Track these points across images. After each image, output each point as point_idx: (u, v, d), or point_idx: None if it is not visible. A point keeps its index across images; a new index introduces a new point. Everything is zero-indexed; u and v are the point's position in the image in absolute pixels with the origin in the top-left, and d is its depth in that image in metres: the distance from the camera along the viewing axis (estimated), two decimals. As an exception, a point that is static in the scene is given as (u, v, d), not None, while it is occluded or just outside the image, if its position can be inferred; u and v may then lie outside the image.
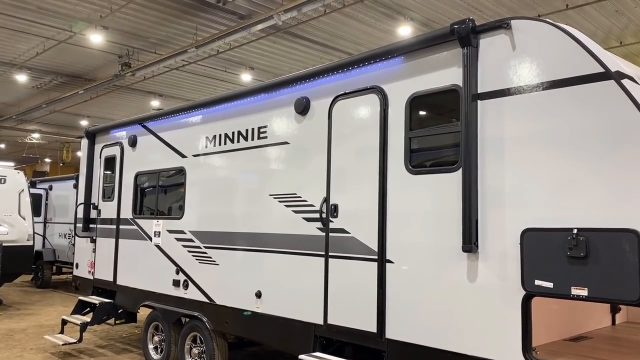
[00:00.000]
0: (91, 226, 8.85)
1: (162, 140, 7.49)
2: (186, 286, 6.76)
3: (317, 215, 5.23)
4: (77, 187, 11.82)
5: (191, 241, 6.77)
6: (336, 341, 5.10)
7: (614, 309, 5.34)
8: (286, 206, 5.59)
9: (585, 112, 3.57)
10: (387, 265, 4.65)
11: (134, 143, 8.01)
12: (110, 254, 8.25)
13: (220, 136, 6.52)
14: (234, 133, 6.33)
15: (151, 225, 7.48)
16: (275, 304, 5.62)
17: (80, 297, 8.55)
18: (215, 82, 18.31)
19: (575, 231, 3.52)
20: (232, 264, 6.18)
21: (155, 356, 7.33)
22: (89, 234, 8.81)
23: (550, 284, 3.64)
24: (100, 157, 8.79)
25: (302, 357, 4.99)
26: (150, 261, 7.41)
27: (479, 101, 4.13)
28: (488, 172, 4.04)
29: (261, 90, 5.99)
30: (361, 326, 4.76)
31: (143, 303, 7.46)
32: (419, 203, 4.46)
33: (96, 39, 14.13)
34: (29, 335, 9.44)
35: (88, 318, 8.09)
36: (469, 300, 4.07)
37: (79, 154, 19.55)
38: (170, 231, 7.13)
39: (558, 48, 3.76)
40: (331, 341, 5.14)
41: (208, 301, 6.42)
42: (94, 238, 8.68)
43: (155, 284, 7.28)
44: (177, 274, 6.93)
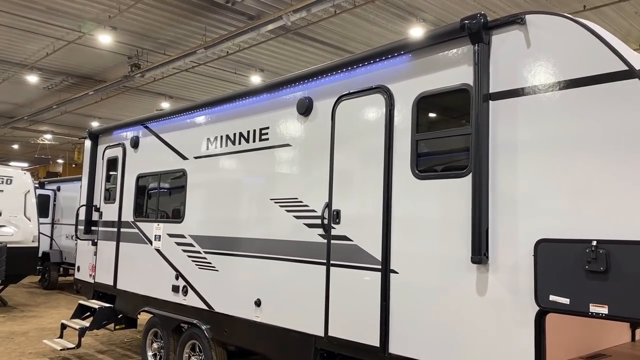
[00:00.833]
0: (93, 229, 8.68)
1: (164, 142, 7.29)
2: (185, 292, 6.54)
3: (319, 222, 4.98)
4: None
5: (191, 246, 6.55)
6: (337, 354, 4.84)
7: (634, 324, 5.01)
8: (287, 211, 5.34)
9: (607, 113, 3.28)
10: (391, 276, 4.37)
11: (135, 144, 7.83)
12: (111, 257, 8.07)
13: (221, 138, 6.30)
14: (235, 135, 6.10)
15: (152, 229, 7.28)
16: (275, 314, 5.37)
17: (80, 301, 8.38)
18: (225, 84, 18.16)
19: (595, 243, 3.23)
20: (231, 270, 5.94)
21: (153, 364, 7.12)
22: (90, 236, 8.63)
23: (566, 300, 3.35)
24: (103, 159, 8.62)
25: (301, 370, 4.74)
26: (150, 266, 7.21)
27: (490, 101, 3.85)
28: (500, 177, 3.76)
29: (263, 91, 5.76)
30: (363, 340, 4.49)
31: (142, 309, 7.25)
32: (425, 210, 4.19)
33: (105, 39, 14.06)
34: (29, 338, 9.29)
35: (87, 323, 7.90)
36: (478, 315, 3.79)
37: (88, 155, 19.46)
38: (171, 235, 6.92)
39: (577, 44, 3.48)
40: (332, 354, 4.88)
41: (207, 308, 6.19)
42: (95, 241, 8.51)
43: (155, 289, 7.07)
44: (177, 279, 6.71)
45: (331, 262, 4.84)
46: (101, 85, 17.65)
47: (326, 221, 4.91)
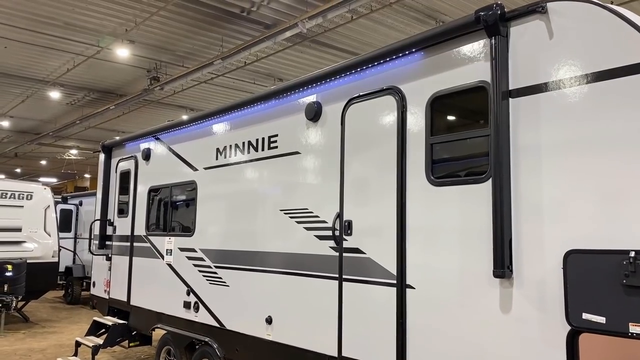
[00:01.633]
0: (107, 243, 8.53)
1: (175, 153, 7.10)
2: (197, 309, 6.29)
3: (330, 233, 4.68)
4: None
5: (202, 260, 6.31)
6: (352, 376, 4.50)
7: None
8: (297, 223, 5.05)
9: (643, 107, 2.92)
10: (408, 291, 4.04)
11: (147, 156, 7.67)
12: (124, 272, 7.90)
13: (230, 147, 6.06)
14: (244, 143, 5.86)
15: (163, 243, 7.08)
16: (287, 332, 5.07)
17: (94, 318, 8.22)
18: (244, 94, 18.02)
19: (633, 254, 2.86)
20: (242, 285, 5.67)
21: (167, 383, 6.88)
22: (104, 251, 8.49)
23: (601, 319, 2.97)
24: (116, 172, 8.49)
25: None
26: (162, 281, 6.99)
27: (510, 99, 3.51)
28: (523, 181, 3.41)
29: (271, 96, 5.51)
30: (379, 360, 4.15)
31: (155, 326, 7.03)
32: (442, 219, 3.85)
33: (123, 53, 14.07)
34: (47, 356, 9.17)
35: (101, 340, 7.73)
36: (502, 334, 3.43)
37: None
38: (182, 249, 6.70)
39: (606, 32, 3.12)
40: (347, 376, 4.55)
41: (218, 326, 5.93)
42: (109, 256, 8.36)
43: (167, 305, 6.85)
44: (188, 295, 6.47)
45: (343, 276, 4.53)
46: (122, 100, 17.72)
47: (337, 233, 4.61)
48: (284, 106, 5.39)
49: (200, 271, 6.31)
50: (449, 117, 4.10)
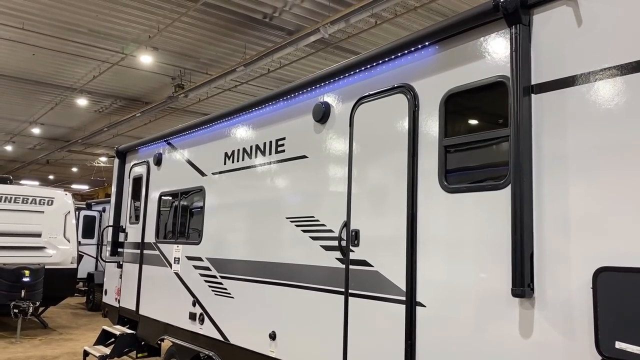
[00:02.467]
0: (120, 250, 8.35)
1: (185, 158, 6.86)
2: (202, 320, 6.00)
3: (336, 243, 4.32)
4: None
5: (208, 269, 6.02)
6: (357, 400, 4.12)
7: None
8: (303, 231, 4.71)
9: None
10: (418, 310, 3.65)
11: (159, 161, 7.46)
12: (134, 281, 7.68)
13: (238, 151, 5.78)
14: (252, 147, 5.57)
15: (172, 251, 6.83)
16: (291, 349, 4.71)
17: (103, 327, 8.02)
18: (268, 102, 17.87)
19: (676, 274, 2.42)
20: (246, 297, 5.35)
21: (172, 397, 6.58)
22: (116, 258, 8.31)
23: (637, 349, 2.53)
24: (129, 177, 8.32)
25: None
26: (170, 290, 6.73)
27: (533, 95, 3.12)
28: (547, 188, 3.00)
29: (278, 97, 5.21)
30: (385, 385, 3.76)
31: (161, 337, 6.77)
32: (456, 230, 3.46)
33: (146, 59, 14.09)
34: (58, 363, 9.03)
35: (109, 350, 7.51)
36: (521, 362, 3.00)
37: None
38: (189, 258, 6.43)
39: (644, 15, 2.71)
40: (352, 400, 4.16)
41: (223, 340, 5.61)
42: (120, 263, 8.17)
43: (173, 316, 6.58)
44: (194, 306, 6.19)
45: (350, 291, 4.16)
46: (147, 107, 17.78)
47: (344, 243, 4.25)
48: (291, 107, 5.08)
49: (206, 281, 6.03)
50: (464, 117, 3.72)
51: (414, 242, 3.70)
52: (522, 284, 2.98)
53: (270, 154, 5.27)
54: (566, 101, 2.97)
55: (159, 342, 6.99)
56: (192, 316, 6.16)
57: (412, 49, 3.86)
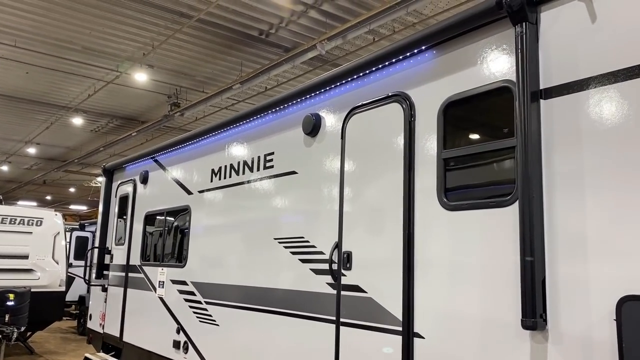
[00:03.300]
0: (105, 273, 7.96)
1: (171, 175, 6.53)
2: (186, 349, 5.59)
3: (327, 267, 3.95)
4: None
5: (192, 294, 5.64)
6: None
7: None
8: (292, 253, 4.35)
9: None
10: (415, 342, 3.26)
11: (145, 179, 7.12)
12: (118, 305, 7.28)
13: (225, 168, 5.44)
14: (239, 163, 5.23)
15: (156, 274, 6.45)
16: (278, 383, 4.31)
17: (85, 354, 7.59)
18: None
19: None
20: (231, 325, 4.96)
21: None
22: (101, 281, 7.92)
23: (673, 393, 2.16)
24: (116, 196, 7.98)
25: None
26: (154, 316, 6.34)
27: (542, 101, 2.79)
28: (560, 204, 2.65)
29: (266, 109, 4.89)
30: None
31: (144, 366, 6.36)
32: (458, 252, 3.10)
33: (141, 77, 13.87)
34: (40, 393, 8.56)
35: (91, 379, 7.08)
36: (534, 405, 2.62)
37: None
38: (174, 281, 6.04)
39: (668, 8, 2.39)
40: None
41: (207, 370, 5.20)
42: (105, 287, 7.77)
43: (157, 343, 6.17)
44: (178, 333, 5.78)
45: (341, 319, 3.78)
46: (143, 126, 17.53)
47: (335, 266, 3.88)
48: (280, 120, 4.76)
49: (190, 307, 5.64)
50: (465, 127, 3.38)
51: (411, 266, 3.34)
52: (534, 314, 2.61)
53: (259, 169, 4.93)
54: (579, 105, 2.64)
55: (142, 371, 6.57)
56: (176, 344, 5.75)
57: (408, 55, 3.55)
